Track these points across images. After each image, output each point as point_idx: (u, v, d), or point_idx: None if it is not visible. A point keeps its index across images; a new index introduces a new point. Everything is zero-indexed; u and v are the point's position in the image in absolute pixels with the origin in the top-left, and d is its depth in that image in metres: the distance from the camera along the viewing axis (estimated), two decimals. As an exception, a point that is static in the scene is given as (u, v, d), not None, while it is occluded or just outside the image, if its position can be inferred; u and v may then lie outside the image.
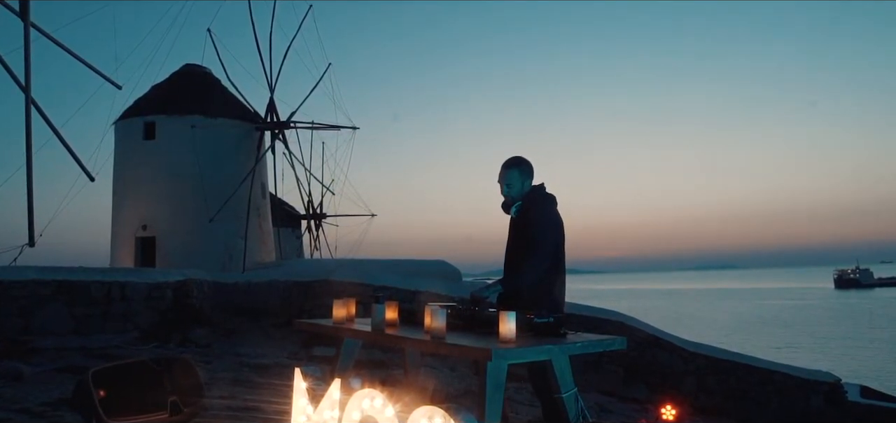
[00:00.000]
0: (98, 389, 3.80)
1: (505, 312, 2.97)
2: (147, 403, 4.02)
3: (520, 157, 3.99)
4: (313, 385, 3.19)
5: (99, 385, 3.83)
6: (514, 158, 3.98)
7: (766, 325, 50.93)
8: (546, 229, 3.81)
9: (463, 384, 8.48)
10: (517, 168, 3.93)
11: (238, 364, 8.92)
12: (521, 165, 3.94)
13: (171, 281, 13.13)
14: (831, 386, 12.27)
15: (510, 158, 3.99)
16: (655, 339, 12.73)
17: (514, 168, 3.93)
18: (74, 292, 11.60)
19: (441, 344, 3.03)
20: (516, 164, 3.95)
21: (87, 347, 10.04)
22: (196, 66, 23.07)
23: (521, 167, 3.94)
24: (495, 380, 2.86)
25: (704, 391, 12.36)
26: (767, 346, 34.08)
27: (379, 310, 3.46)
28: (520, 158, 3.98)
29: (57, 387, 6.56)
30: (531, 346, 3.01)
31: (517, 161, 3.96)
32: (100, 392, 3.81)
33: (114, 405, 3.87)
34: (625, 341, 3.43)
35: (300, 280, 15.62)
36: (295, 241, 31.23)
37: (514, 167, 3.94)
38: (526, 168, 3.94)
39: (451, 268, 23.56)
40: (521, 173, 3.92)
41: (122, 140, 21.73)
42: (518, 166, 3.94)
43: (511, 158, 3.98)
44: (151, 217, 20.69)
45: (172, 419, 4.07)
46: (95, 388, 3.80)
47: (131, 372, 4.16)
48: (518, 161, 3.96)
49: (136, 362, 4.36)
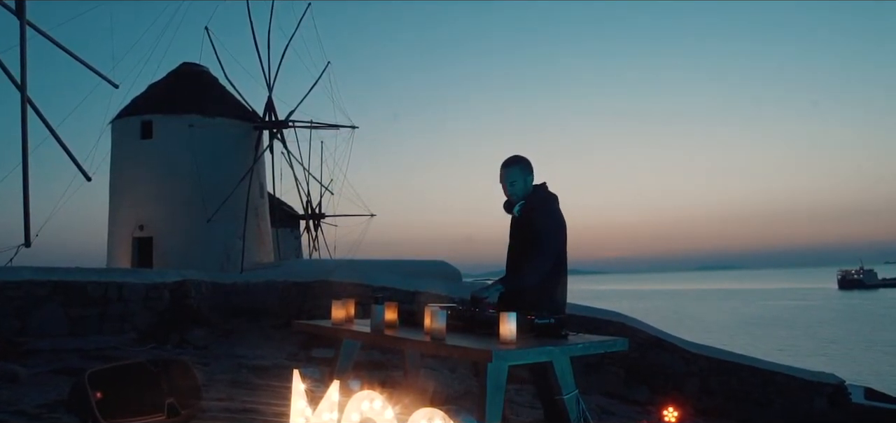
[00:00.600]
0: (95, 391, 3.81)
1: (505, 313, 2.97)
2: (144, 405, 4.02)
3: (518, 155, 4.01)
4: (312, 387, 3.19)
5: (96, 387, 3.84)
6: (512, 156, 4.00)
7: (769, 326, 50.92)
8: (551, 231, 3.82)
9: (463, 386, 8.48)
10: (517, 166, 3.95)
11: (236, 366, 8.92)
12: (521, 162, 3.96)
13: (168, 282, 13.13)
14: (835, 388, 12.26)
15: (509, 157, 4.00)
16: (657, 340, 12.72)
17: (514, 166, 3.95)
18: (71, 293, 11.59)
19: (441, 345, 3.03)
20: (516, 162, 3.96)
21: (84, 348, 10.04)
22: (194, 64, 23.07)
23: (521, 165, 3.95)
24: (496, 382, 2.86)
25: (707, 392, 12.36)
26: (770, 347, 34.08)
27: (378, 311, 3.47)
28: (519, 157, 3.99)
29: (53, 389, 6.56)
30: (532, 347, 3.01)
31: (516, 159, 3.98)
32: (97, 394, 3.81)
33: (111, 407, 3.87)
34: (626, 342, 3.43)
35: (299, 281, 15.60)
36: (293, 241, 31.24)
37: (515, 165, 3.95)
38: (526, 165, 3.96)
39: (452, 268, 23.57)
40: (521, 171, 3.94)
41: (119, 139, 21.72)
42: (518, 164, 3.95)
43: (510, 157, 4.00)
44: (149, 217, 20.69)
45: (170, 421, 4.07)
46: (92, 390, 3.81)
47: (128, 374, 4.17)
48: (517, 159, 3.97)
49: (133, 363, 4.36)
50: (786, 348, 36.17)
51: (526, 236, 3.88)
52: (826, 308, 68.99)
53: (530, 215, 3.90)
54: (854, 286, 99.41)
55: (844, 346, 38.79)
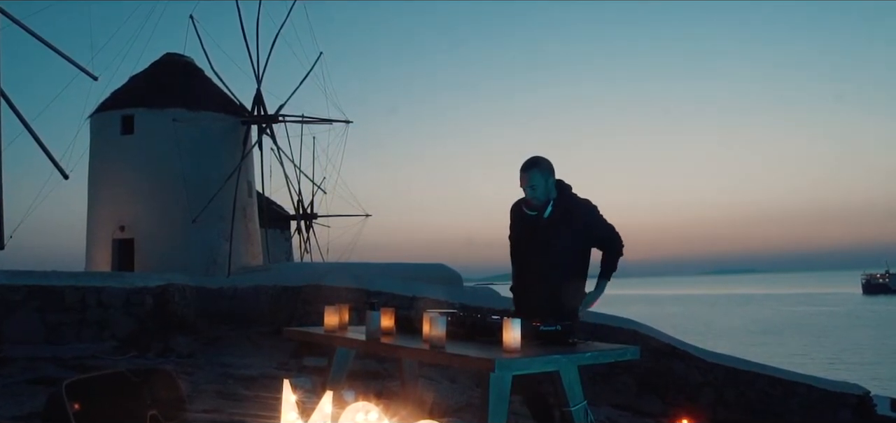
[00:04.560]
0: (72, 402, 3.80)
1: (509, 319, 2.97)
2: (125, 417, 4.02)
3: (537, 157, 4.11)
4: (303, 398, 3.18)
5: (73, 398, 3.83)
6: (531, 159, 4.09)
7: (789, 333, 50.95)
8: (608, 224, 4.13)
9: (464, 398, 8.48)
10: (537, 168, 4.04)
11: (223, 375, 8.93)
12: (540, 163, 4.06)
13: (150, 286, 13.15)
14: (860, 399, 12.26)
15: (528, 159, 4.09)
16: (671, 348, 12.73)
17: (534, 169, 4.03)
18: (47, 298, 11.59)
19: (440, 354, 3.03)
20: (535, 164, 4.05)
21: (61, 357, 10.04)
22: (177, 55, 23.06)
23: (540, 166, 4.04)
24: (499, 393, 2.86)
25: (723, 404, 12.36)
26: (790, 355, 34.10)
27: (374, 317, 3.47)
28: (537, 158, 4.09)
29: (28, 400, 6.56)
30: (537, 356, 3.01)
31: (535, 161, 4.07)
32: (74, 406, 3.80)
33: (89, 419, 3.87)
34: (638, 350, 3.44)
35: (289, 285, 15.62)
36: (284, 243, 31.25)
37: (534, 168, 4.04)
38: (545, 165, 4.06)
39: (452, 272, 23.57)
40: (541, 172, 4.03)
41: (98, 135, 21.71)
42: (537, 166, 4.04)
43: (528, 159, 4.09)
44: (130, 218, 20.69)
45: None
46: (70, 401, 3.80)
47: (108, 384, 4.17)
48: (536, 161, 4.07)
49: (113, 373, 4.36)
50: (806, 357, 36.18)
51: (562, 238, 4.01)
52: (850, 314, 69.03)
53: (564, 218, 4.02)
54: (880, 291, 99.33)
55: (869, 354, 38.81)
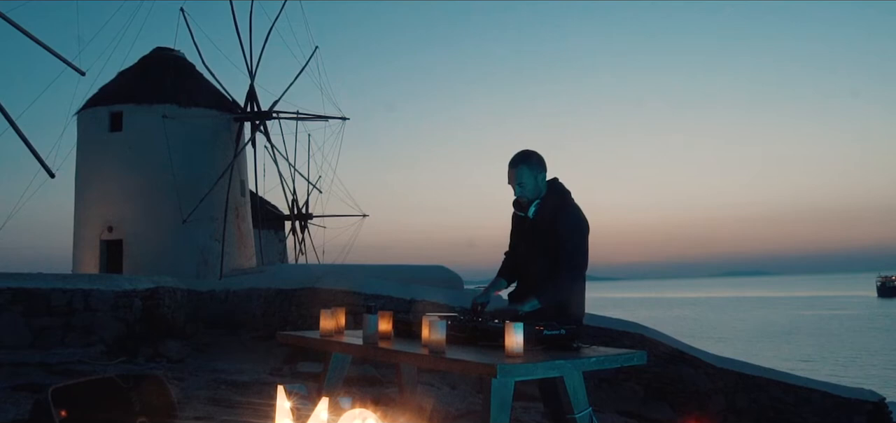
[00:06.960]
0: (59, 409, 3.80)
1: (511, 323, 2.96)
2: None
3: (526, 151, 3.95)
4: (298, 405, 3.18)
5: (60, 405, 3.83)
6: (519, 153, 3.95)
7: (802, 337, 50.97)
8: (580, 240, 3.86)
9: (464, 404, 8.47)
10: (525, 164, 3.90)
11: (214, 381, 8.93)
12: (529, 159, 3.91)
13: (139, 289, 13.14)
14: (875, 406, 12.26)
15: (516, 154, 3.95)
16: (679, 353, 12.73)
17: (522, 165, 3.90)
18: (32, 301, 11.59)
19: (440, 359, 3.02)
20: (523, 159, 3.91)
21: (47, 362, 10.04)
22: (168, 49, 23.08)
23: (529, 162, 3.90)
24: (500, 399, 2.85)
25: (733, 410, 12.36)
26: (803, 360, 34.12)
27: (371, 321, 3.46)
28: (526, 153, 3.94)
29: (13, 407, 6.55)
30: (540, 361, 3.00)
31: (524, 156, 3.92)
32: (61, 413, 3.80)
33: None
34: (645, 355, 3.43)
35: (284, 288, 15.60)
36: (278, 244, 31.25)
37: (522, 164, 3.90)
38: (535, 161, 3.91)
39: (452, 274, 23.56)
40: (530, 169, 3.89)
41: (86, 132, 21.73)
42: (526, 162, 3.90)
43: (517, 154, 3.95)
44: (118, 218, 20.69)
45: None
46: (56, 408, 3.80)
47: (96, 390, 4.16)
48: (525, 156, 3.92)
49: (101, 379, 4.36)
50: (820, 362, 36.20)
51: (546, 243, 3.84)
52: (864, 318, 69.08)
53: (550, 219, 3.85)
54: (895, 294, 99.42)
55: (885, 359, 38.81)
